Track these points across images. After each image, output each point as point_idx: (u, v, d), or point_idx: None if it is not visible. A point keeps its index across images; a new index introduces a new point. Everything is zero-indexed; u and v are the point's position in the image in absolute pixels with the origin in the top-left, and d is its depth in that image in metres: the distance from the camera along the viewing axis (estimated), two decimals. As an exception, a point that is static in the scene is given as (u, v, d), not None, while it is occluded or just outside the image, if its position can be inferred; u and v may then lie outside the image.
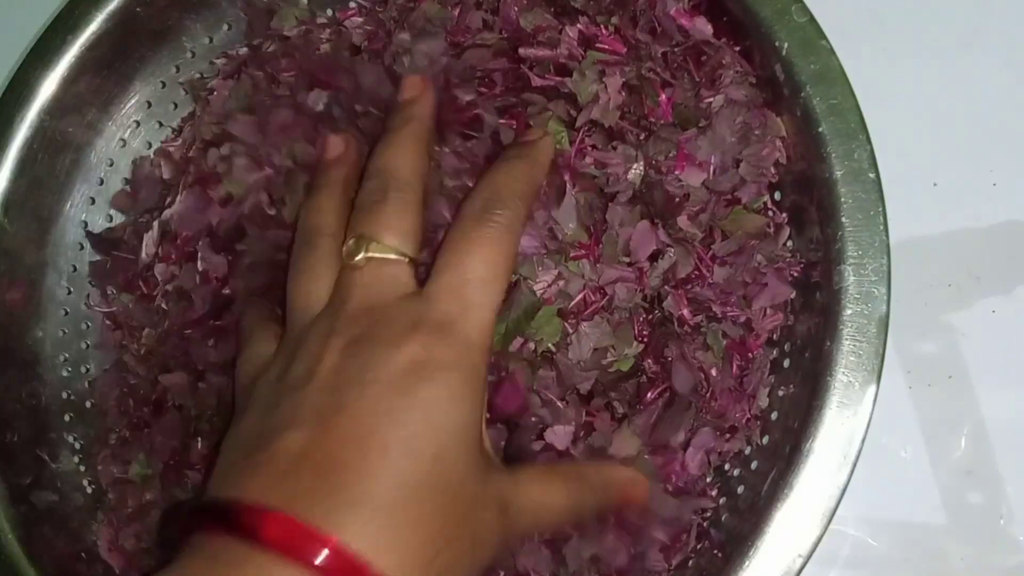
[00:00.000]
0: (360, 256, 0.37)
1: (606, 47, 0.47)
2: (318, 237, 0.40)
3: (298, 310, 0.39)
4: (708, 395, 0.45)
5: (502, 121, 0.45)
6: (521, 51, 0.46)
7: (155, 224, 0.51)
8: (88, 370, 0.53)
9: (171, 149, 0.53)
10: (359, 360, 0.34)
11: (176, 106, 0.55)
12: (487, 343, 0.36)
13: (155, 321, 0.50)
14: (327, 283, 0.38)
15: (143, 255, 0.51)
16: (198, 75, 0.54)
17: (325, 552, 0.29)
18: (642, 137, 0.46)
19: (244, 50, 0.54)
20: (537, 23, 0.47)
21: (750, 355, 0.46)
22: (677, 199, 0.45)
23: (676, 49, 0.47)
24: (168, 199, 0.52)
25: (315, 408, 0.33)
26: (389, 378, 0.33)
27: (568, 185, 0.44)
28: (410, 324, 0.35)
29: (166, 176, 0.53)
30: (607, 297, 0.45)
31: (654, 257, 0.45)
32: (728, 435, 0.46)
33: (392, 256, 0.37)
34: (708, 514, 0.45)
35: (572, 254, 0.44)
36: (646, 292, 0.45)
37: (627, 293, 0.44)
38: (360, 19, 0.51)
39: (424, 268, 0.39)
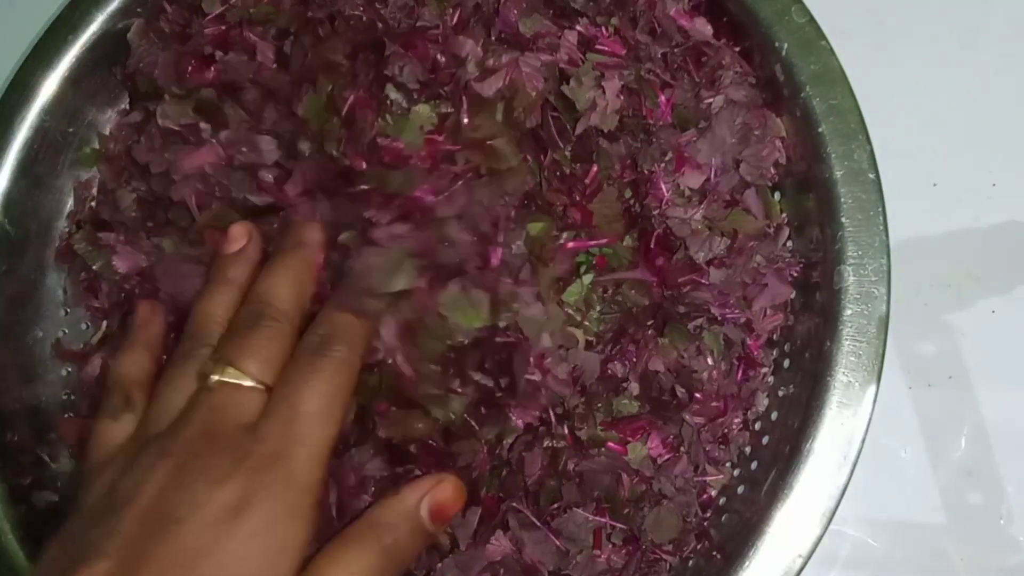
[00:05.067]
0: (214, 378, 0.37)
1: (605, 49, 0.47)
2: (197, 346, 0.40)
3: (152, 418, 0.39)
4: (704, 397, 0.45)
5: None
6: (521, 60, 0.46)
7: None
8: (88, 370, 0.53)
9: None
10: (181, 493, 0.34)
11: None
12: (315, 478, 0.36)
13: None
14: (187, 395, 0.38)
15: None
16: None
17: None
18: (641, 139, 0.46)
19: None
20: (536, 29, 0.47)
21: (751, 356, 0.46)
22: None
23: (676, 50, 0.47)
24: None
25: (128, 538, 0.33)
26: (206, 517, 0.34)
27: None
28: (238, 459, 0.35)
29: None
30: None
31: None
32: (721, 444, 0.46)
33: (246, 383, 0.37)
34: (708, 514, 0.45)
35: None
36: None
37: None
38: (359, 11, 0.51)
39: None
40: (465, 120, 0.45)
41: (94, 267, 0.49)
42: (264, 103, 0.47)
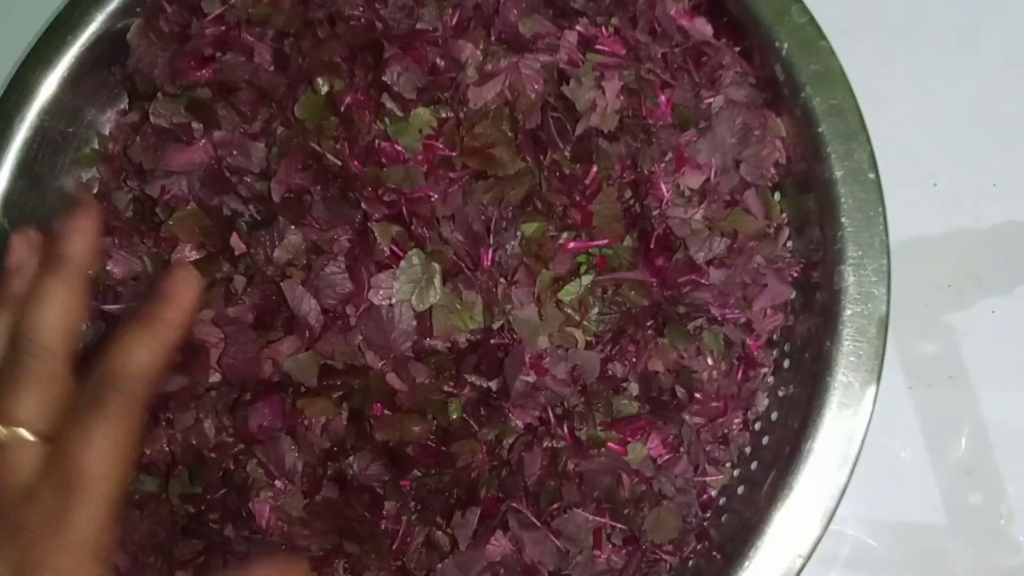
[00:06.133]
0: None
1: (605, 49, 0.47)
2: None
3: None
4: (704, 397, 0.45)
5: None
6: (522, 64, 0.46)
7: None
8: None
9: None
10: None
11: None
12: (100, 541, 0.33)
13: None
14: None
15: None
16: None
17: None
18: (641, 139, 0.46)
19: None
20: (536, 29, 0.47)
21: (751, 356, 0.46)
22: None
23: (676, 50, 0.47)
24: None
25: None
26: None
27: None
28: (12, 531, 0.32)
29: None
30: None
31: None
32: (721, 444, 0.46)
33: (19, 437, 0.34)
34: (708, 514, 0.45)
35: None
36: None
37: None
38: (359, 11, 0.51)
39: None
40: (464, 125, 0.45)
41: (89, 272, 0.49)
42: (259, 105, 0.47)
